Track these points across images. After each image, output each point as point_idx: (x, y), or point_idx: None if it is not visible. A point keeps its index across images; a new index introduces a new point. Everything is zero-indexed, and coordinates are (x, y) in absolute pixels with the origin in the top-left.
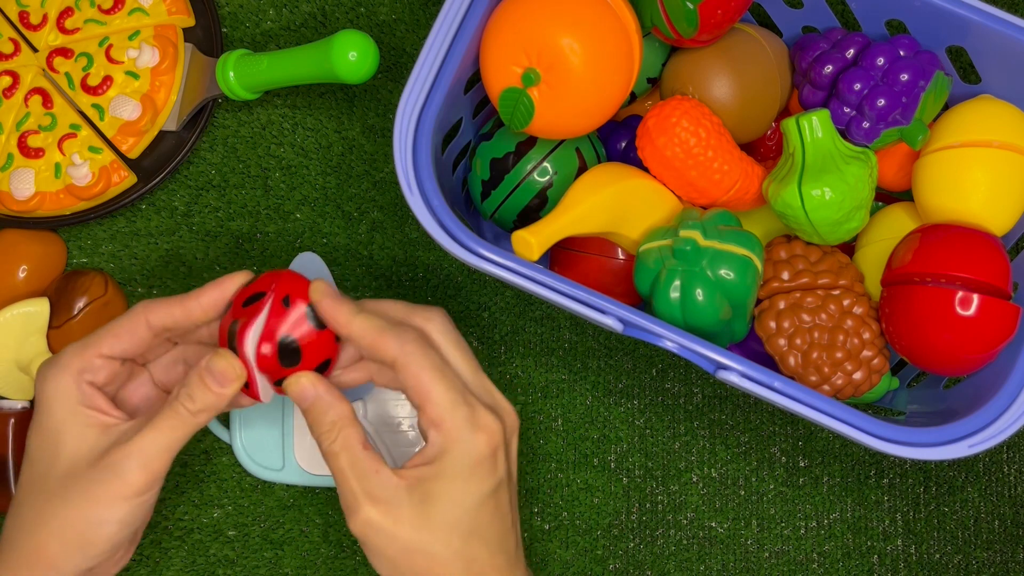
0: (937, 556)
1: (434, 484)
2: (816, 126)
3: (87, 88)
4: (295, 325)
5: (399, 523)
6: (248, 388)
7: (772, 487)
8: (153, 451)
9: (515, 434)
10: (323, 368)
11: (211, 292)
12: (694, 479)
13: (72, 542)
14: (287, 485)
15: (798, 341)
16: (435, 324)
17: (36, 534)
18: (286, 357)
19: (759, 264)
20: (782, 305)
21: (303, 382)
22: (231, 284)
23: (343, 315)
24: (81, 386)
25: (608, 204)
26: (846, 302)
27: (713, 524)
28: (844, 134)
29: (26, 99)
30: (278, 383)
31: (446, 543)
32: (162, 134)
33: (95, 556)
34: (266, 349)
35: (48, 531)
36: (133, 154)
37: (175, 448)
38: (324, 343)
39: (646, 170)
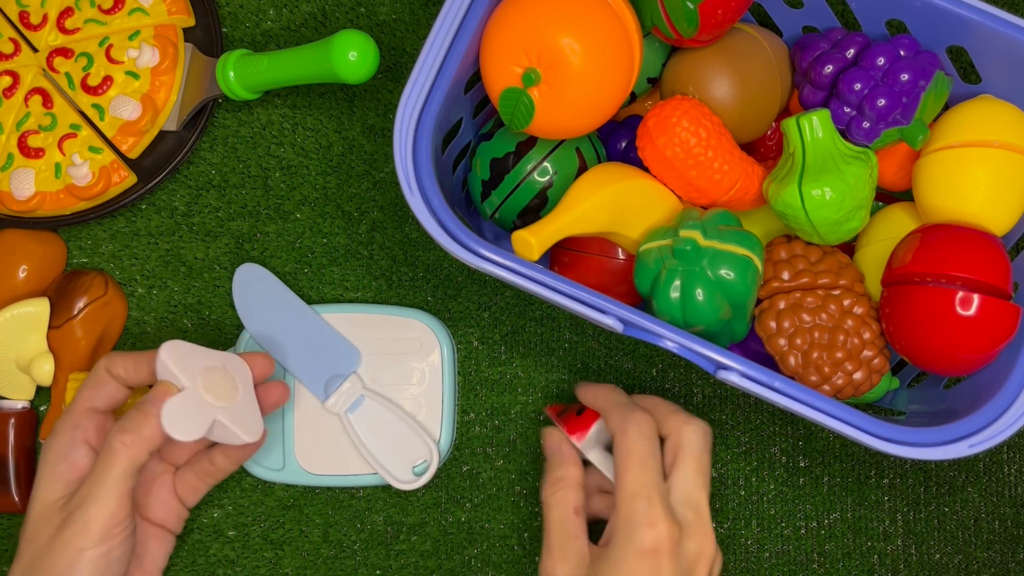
0: (937, 556)
1: (601, 565)
2: (816, 126)
3: (87, 88)
4: None
5: None
6: None
7: (772, 487)
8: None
9: (706, 564)
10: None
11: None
12: None
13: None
14: (287, 485)
15: (798, 341)
16: (689, 431)
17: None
18: None
19: (759, 264)
20: (782, 305)
21: (554, 437)
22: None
23: (588, 390)
24: (74, 440)
25: (608, 204)
26: (846, 302)
27: (713, 524)
28: (844, 134)
29: (26, 99)
30: None
31: None
32: (162, 134)
33: None
34: None
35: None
36: (133, 154)
37: (127, 484)
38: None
39: (646, 170)
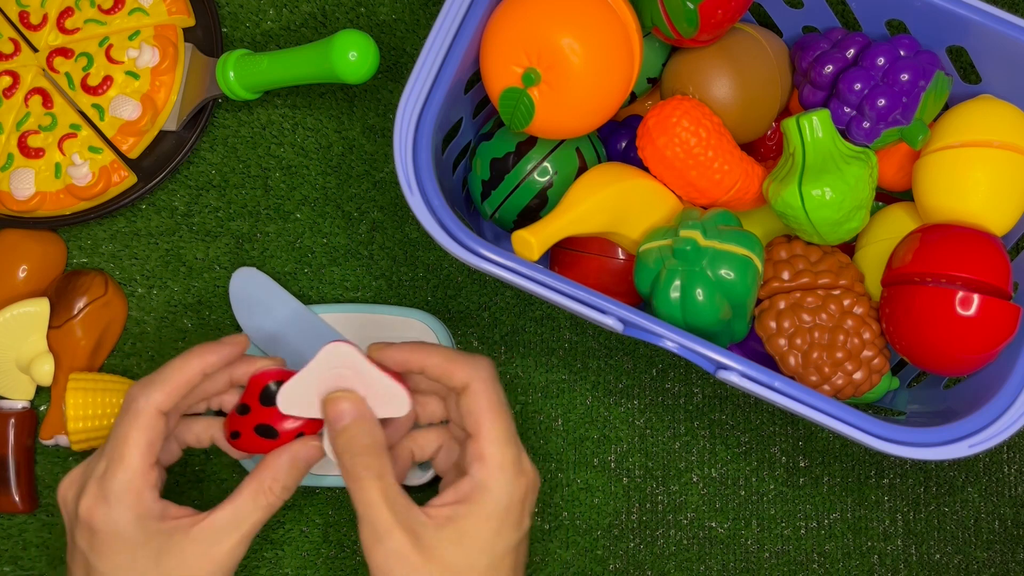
0: (937, 556)
1: (467, 523)
2: (816, 126)
3: (87, 88)
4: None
5: (430, 560)
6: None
7: (772, 487)
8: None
9: (536, 493)
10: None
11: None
12: (694, 479)
13: None
14: None
15: (798, 341)
16: (485, 372)
17: None
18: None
19: (759, 264)
20: (782, 305)
21: (344, 403)
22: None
23: (414, 352)
24: (154, 504)
25: (608, 204)
26: (846, 302)
27: (713, 524)
28: (844, 134)
29: (26, 99)
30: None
31: None
32: (162, 134)
33: None
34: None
35: None
36: (133, 154)
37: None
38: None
39: (646, 170)
